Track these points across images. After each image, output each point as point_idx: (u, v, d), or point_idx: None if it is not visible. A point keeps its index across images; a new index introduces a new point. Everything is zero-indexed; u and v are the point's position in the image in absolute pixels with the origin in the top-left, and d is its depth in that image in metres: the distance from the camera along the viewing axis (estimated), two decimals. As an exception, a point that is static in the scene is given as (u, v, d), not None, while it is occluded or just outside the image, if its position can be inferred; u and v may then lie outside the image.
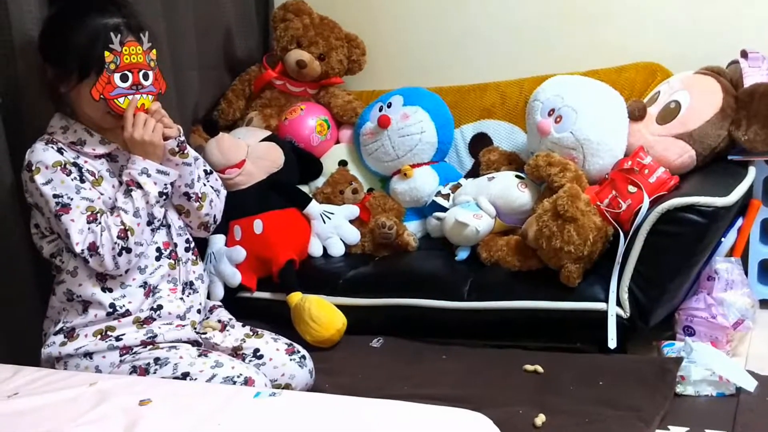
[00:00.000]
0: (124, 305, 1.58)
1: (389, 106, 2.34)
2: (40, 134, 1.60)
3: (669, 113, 1.97)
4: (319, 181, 2.39)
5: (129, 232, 1.53)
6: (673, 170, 1.90)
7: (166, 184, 1.61)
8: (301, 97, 2.54)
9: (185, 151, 1.67)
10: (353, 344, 1.93)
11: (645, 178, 1.80)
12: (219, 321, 1.77)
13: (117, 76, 1.54)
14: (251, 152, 2.23)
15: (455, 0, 2.60)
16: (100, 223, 1.52)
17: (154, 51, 1.59)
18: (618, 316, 1.71)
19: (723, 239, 1.81)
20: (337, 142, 2.52)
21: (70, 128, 1.59)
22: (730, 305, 1.74)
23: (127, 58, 1.54)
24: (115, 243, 1.52)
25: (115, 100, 1.55)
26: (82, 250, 1.50)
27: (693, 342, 1.68)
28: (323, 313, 1.93)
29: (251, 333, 1.72)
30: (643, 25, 2.35)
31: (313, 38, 2.50)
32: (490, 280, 1.90)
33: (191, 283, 1.71)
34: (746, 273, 1.96)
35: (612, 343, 1.68)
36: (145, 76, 1.58)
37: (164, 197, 1.62)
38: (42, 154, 1.53)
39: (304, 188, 2.38)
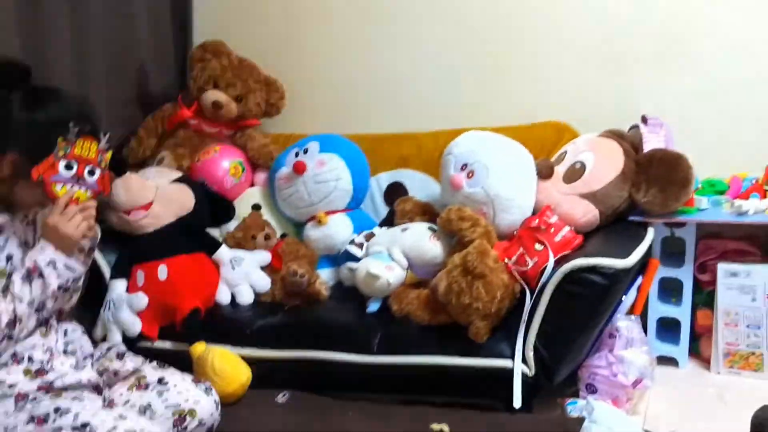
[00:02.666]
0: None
1: (305, 151, 2.33)
2: None
3: (574, 173, 2.04)
4: (231, 225, 2.34)
5: (18, 322, 1.47)
6: (578, 228, 1.96)
7: (68, 280, 1.56)
8: (216, 137, 2.50)
9: (92, 255, 1.66)
10: (257, 399, 1.87)
11: (551, 237, 1.85)
12: (117, 354, 1.71)
13: (62, 164, 1.51)
14: (160, 194, 2.16)
15: (377, 48, 2.64)
16: None
17: (109, 153, 1.57)
18: (523, 374, 1.73)
19: (624, 297, 1.87)
20: (252, 185, 2.48)
21: None
22: (630, 363, 1.79)
23: (78, 150, 1.52)
24: (2, 331, 1.45)
25: (53, 185, 1.51)
26: None
27: (594, 401, 1.72)
28: (227, 366, 1.88)
29: (158, 366, 1.68)
30: (554, 85, 2.45)
31: (230, 79, 2.48)
32: (399, 333, 1.89)
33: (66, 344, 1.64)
34: (646, 330, 2.03)
35: (517, 402, 1.70)
36: (91, 173, 1.56)
37: (62, 291, 1.56)
38: None
39: (215, 232, 2.32)
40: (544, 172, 2.07)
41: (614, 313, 1.85)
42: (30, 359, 1.51)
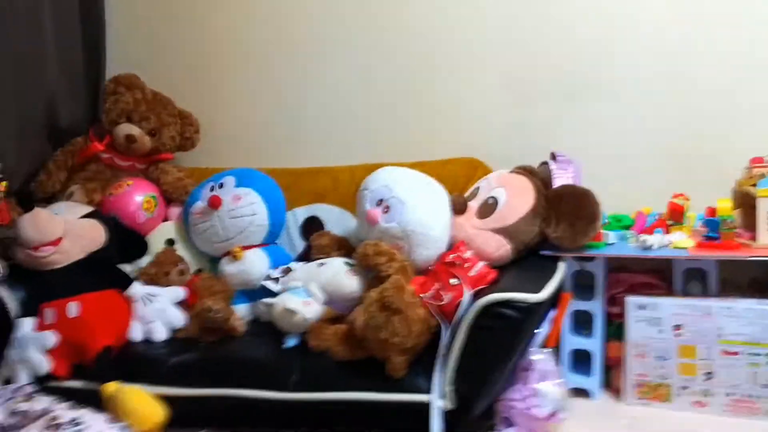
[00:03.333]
0: None
1: (221, 186, 2.31)
2: None
3: (487, 208, 2.09)
4: (144, 261, 2.28)
5: None
6: (492, 262, 2.00)
7: None
8: (128, 171, 2.45)
9: None
10: (175, 438, 1.82)
11: (466, 272, 1.88)
12: (24, 395, 1.65)
13: None
14: (69, 229, 2.10)
15: (292, 84, 2.66)
16: None
17: (4, 183, 1.51)
18: (442, 408, 1.74)
19: (538, 330, 1.92)
20: (165, 220, 2.43)
21: None
22: (544, 396, 1.82)
23: None
24: None
25: None
26: None
27: (510, 434, 1.75)
28: (140, 406, 1.82)
29: (71, 406, 1.64)
30: (468, 121, 2.52)
31: (144, 113, 2.44)
32: (317, 369, 1.88)
33: None
34: (559, 362, 2.09)
35: (434, 436, 1.71)
36: None
37: None
38: None
39: (128, 268, 2.26)
40: (458, 208, 2.11)
41: (529, 346, 1.89)
42: None
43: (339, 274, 2.05)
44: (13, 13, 2.22)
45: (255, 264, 2.23)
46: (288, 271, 2.18)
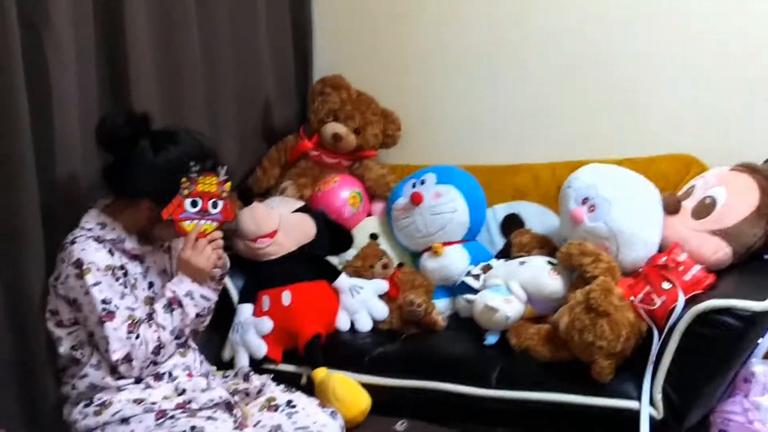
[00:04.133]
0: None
1: (422, 182, 2.36)
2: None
3: (704, 209, 1.97)
4: (350, 254, 2.40)
5: (162, 349, 1.60)
6: (708, 267, 1.88)
7: (204, 308, 1.70)
8: (335, 168, 2.58)
9: (222, 281, 1.79)
10: (377, 426, 1.89)
11: (680, 276, 1.79)
12: (243, 375, 1.81)
13: (188, 202, 1.63)
14: (283, 222, 2.25)
15: (491, 80, 2.64)
16: (138, 335, 1.56)
17: (228, 184, 1.68)
18: (651, 417, 1.67)
19: (761, 341, 1.78)
20: (369, 214, 2.54)
21: (108, 226, 1.63)
22: (767, 410, 1.69)
23: (201, 186, 1.64)
24: (149, 357, 1.57)
25: (182, 223, 1.64)
26: (117, 359, 1.54)
27: (728, 448, 1.64)
28: (348, 393, 1.92)
29: (285, 389, 1.76)
30: (680, 115, 2.37)
31: (350, 112, 2.55)
32: (519, 368, 1.88)
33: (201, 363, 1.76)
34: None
35: (644, 444, 1.64)
36: (214, 205, 1.67)
37: (199, 318, 1.70)
38: (94, 254, 1.56)
39: (334, 260, 2.38)
40: (671, 207, 2.00)
41: (750, 356, 1.76)
42: (171, 376, 1.62)
43: (541, 273, 2.02)
44: (233, 27, 2.42)
45: (455, 260, 2.26)
46: (488, 268, 2.18)
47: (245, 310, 2.14)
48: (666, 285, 1.78)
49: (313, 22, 2.86)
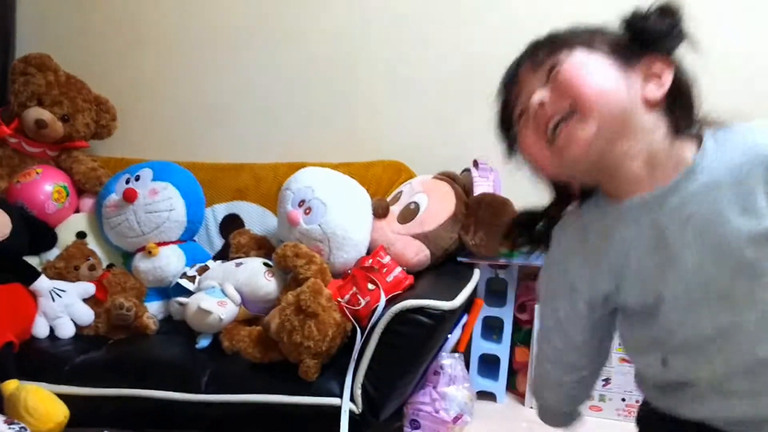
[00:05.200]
0: None
1: (137, 179, 2.24)
2: None
3: (409, 213, 2.11)
4: (52, 254, 2.20)
5: None
6: (410, 268, 2.02)
7: None
8: (38, 158, 2.35)
9: None
10: (75, 440, 1.76)
11: (383, 277, 1.90)
12: None
13: None
14: (-29, 218, 2.00)
15: (217, 74, 2.59)
16: None
17: None
18: (351, 411, 1.75)
19: (449, 336, 1.95)
20: (77, 211, 2.35)
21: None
22: (451, 399, 1.87)
23: None
24: None
25: None
26: None
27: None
28: (41, 405, 1.73)
29: None
30: (393, 125, 2.52)
31: (57, 97, 2.34)
32: (229, 371, 1.86)
33: None
34: (468, 366, 2.13)
35: (344, 439, 1.72)
36: None
37: None
38: None
39: (34, 260, 2.17)
40: (380, 212, 2.12)
41: (440, 350, 1.92)
42: None
43: (257, 274, 2.03)
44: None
45: (170, 261, 2.18)
46: (204, 269, 2.14)
47: None
48: (371, 286, 1.88)
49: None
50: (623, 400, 2.12)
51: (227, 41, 2.59)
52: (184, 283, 2.10)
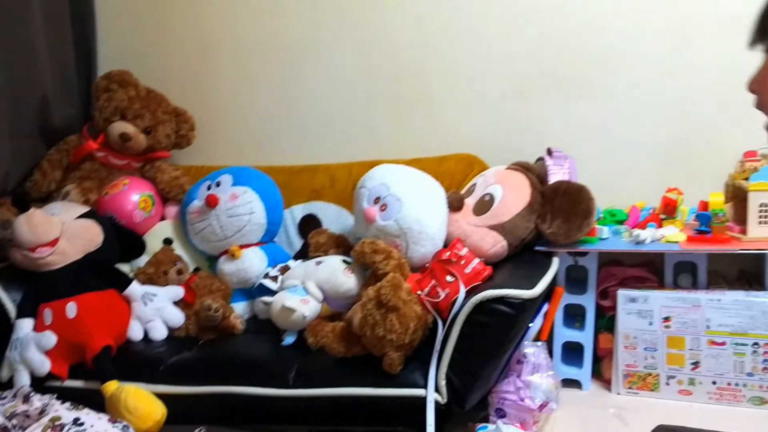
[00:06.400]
0: None
1: (218, 184, 2.32)
2: None
3: (484, 205, 2.11)
4: (142, 260, 2.29)
5: None
6: (487, 259, 2.02)
7: None
8: (124, 170, 2.46)
9: None
10: (174, 436, 1.84)
11: (461, 269, 1.90)
12: (23, 396, 1.65)
13: None
14: (66, 229, 2.11)
15: (289, 80, 2.66)
16: None
17: None
18: (436, 402, 1.77)
19: (531, 324, 1.94)
20: (162, 218, 2.44)
21: None
22: (536, 387, 1.86)
23: None
24: None
25: None
26: None
27: (503, 425, 1.78)
28: (140, 404, 1.84)
29: (71, 406, 1.63)
30: (464, 118, 2.53)
31: (138, 111, 2.44)
32: (315, 366, 1.90)
33: None
34: (551, 354, 2.12)
35: (430, 429, 1.73)
36: None
37: None
38: None
39: (125, 268, 2.27)
40: (455, 205, 2.13)
41: (522, 339, 1.92)
42: None
43: (336, 271, 2.07)
44: (4, 13, 2.21)
45: (253, 262, 2.25)
46: (286, 269, 2.20)
47: (24, 325, 1.98)
48: (449, 278, 1.89)
49: (95, 10, 2.69)
50: (714, 383, 2.07)
51: (296, 49, 2.65)
52: (268, 283, 2.16)
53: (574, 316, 2.24)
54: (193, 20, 2.69)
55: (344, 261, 2.11)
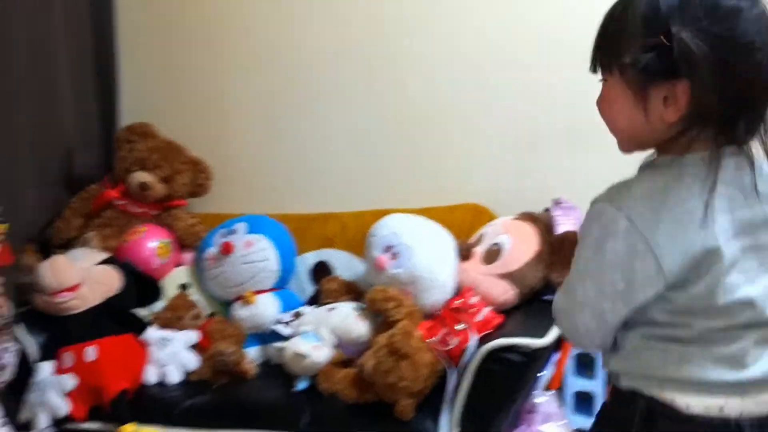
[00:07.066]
0: None
1: (233, 232, 2.38)
2: None
3: (492, 254, 2.16)
4: (158, 306, 2.34)
5: None
6: (497, 307, 2.06)
7: None
8: (142, 218, 2.52)
9: (9, 331, 1.74)
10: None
11: (472, 317, 1.94)
12: None
13: None
14: (87, 275, 2.17)
15: (301, 131, 2.73)
16: None
17: (3, 226, 1.58)
18: (448, 449, 1.80)
19: (542, 373, 1.97)
20: (179, 265, 2.50)
21: None
22: (548, 438, 1.88)
23: None
24: None
25: None
26: None
27: (515, 474, 1.80)
28: (155, 447, 1.88)
29: None
30: (472, 169, 2.59)
31: (157, 161, 2.51)
32: (328, 412, 1.93)
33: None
34: (563, 404, 2.14)
35: (442, 477, 1.76)
36: None
37: None
38: None
39: (142, 312, 2.32)
40: (464, 254, 2.18)
41: (532, 389, 1.95)
42: None
43: (348, 318, 2.11)
44: (28, 67, 2.31)
45: (266, 308, 2.29)
46: (298, 315, 2.24)
47: (45, 369, 2.03)
48: (460, 326, 1.93)
49: (119, 66, 2.79)
50: None
51: (308, 101, 2.72)
52: (280, 328, 2.20)
53: (585, 365, 2.26)
54: (208, 77, 2.78)
55: (356, 308, 2.15)
